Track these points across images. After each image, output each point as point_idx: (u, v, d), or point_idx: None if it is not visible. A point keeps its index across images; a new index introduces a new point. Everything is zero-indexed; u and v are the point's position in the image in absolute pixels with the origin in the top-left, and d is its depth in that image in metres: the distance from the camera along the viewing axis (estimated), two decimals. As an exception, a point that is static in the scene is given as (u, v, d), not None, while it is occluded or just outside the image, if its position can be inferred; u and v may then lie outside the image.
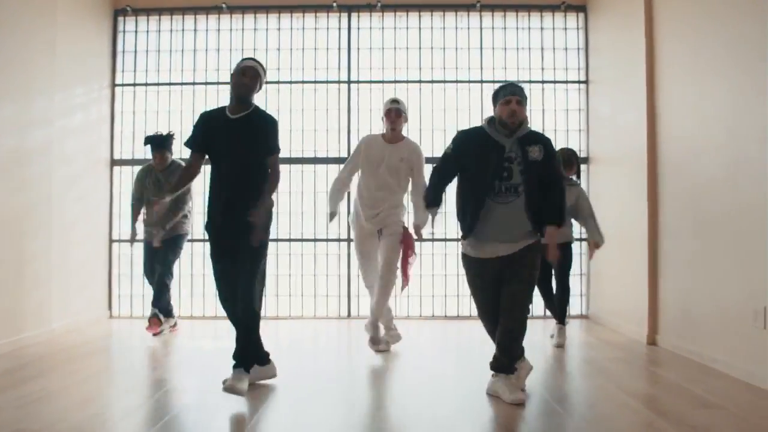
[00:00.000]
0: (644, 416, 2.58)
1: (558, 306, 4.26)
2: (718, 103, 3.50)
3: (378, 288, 3.89)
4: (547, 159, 2.84)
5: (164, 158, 4.44)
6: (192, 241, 5.04)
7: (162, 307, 4.46)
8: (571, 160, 4.24)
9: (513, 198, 2.81)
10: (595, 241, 4.10)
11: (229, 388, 2.78)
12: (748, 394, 2.93)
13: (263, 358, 3.12)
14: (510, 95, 2.84)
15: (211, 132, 3.01)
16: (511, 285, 2.84)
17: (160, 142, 4.43)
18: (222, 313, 3.16)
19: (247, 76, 2.97)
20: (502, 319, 2.84)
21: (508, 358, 2.85)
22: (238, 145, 2.93)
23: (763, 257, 3.06)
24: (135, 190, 4.62)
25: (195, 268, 5.39)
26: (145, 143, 4.50)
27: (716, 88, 3.52)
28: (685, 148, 3.88)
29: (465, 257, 3.00)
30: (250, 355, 2.94)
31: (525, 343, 3.04)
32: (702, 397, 2.87)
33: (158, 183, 4.45)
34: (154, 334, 4.40)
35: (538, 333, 4.39)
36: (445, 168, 3.02)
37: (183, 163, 4.43)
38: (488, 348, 3.13)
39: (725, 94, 3.43)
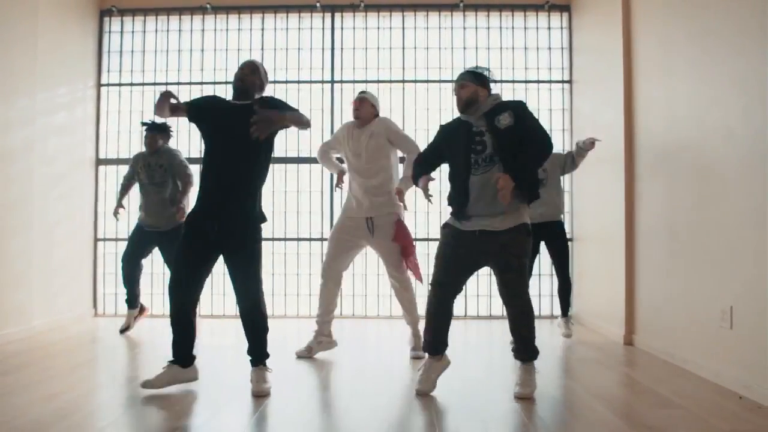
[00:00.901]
0: (601, 415, 2.57)
1: (560, 298, 4.36)
2: (690, 103, 3.49)
3: (399, 299, 3.83)
4: (519, 121, 2.82)
5: (154, 140, 4.49)
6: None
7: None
8: None
9: (490, 167, 2.81)
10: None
11: (257, 392, 2.85)
12: (713, 394, 2.92)
13: (188, 360, 3.01)
14: (455, 84, 2.97)
15: (212, 112, 2.97)
16: (503, 275, 2.86)
17: (155, 126, 4.51)
18: (206, 311, 3.15)
19: (245, 69, 3.02)
20: (507, 310, 2.90)
21: (522, 346, 2.89)
22: (238, 128, 2.81)
23: (730, 257, 3.05)
24: (127, 173, 4.69)
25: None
26: (142, 124, 4.60)
27: (690, 88, 3.50)
28: (659, 148, 3.87)
29: (446, 226, 2.98)
30: (262, 351, 3.01)
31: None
32: (665, 397, 2.86)
33: (148, 167, 4.48)
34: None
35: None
36: (426, 152, 3.15)
37: (173, 149, 4.55)
38: (464, 349, 3.13)
39: (698, 94, 3.41)
